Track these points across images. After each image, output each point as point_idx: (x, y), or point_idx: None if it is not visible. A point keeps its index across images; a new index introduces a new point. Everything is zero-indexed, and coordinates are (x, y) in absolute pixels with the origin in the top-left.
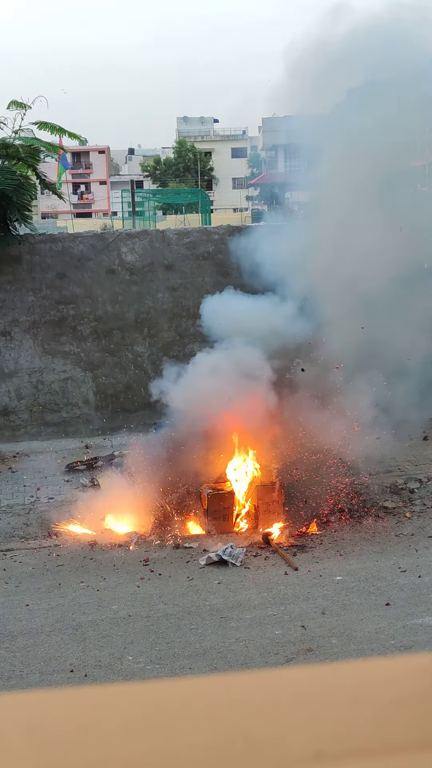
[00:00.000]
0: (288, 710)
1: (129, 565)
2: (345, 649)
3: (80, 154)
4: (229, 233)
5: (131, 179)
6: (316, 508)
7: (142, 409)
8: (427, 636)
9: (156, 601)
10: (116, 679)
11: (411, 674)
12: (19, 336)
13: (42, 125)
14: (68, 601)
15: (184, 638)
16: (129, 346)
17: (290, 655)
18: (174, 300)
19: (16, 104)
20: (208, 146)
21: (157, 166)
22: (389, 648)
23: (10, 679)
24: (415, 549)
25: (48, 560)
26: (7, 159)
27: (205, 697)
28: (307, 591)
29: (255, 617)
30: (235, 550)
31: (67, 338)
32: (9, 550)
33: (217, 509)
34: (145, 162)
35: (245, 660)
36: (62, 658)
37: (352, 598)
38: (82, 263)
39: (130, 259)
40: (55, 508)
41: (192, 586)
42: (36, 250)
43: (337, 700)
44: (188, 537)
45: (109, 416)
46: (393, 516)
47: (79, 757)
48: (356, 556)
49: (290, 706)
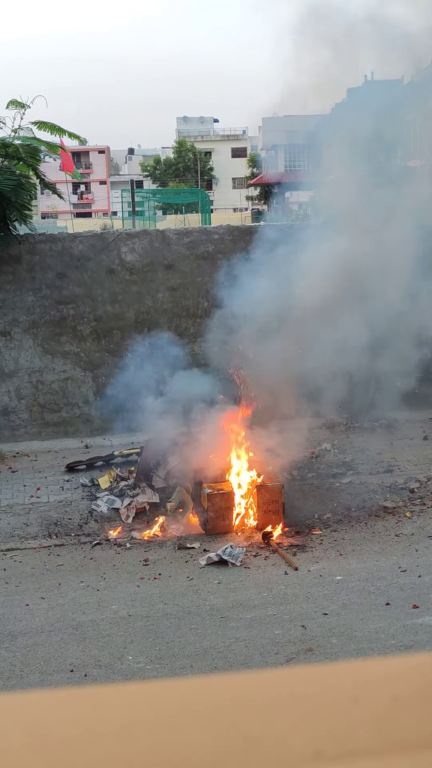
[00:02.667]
0: (288, 710)
1: (129, 565)
2: (345, 649)
3: (80, 154)
4: (228, 233)
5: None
6: (316, 508)
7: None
8: (427, 636)
9: (156, 601)
10: (116, 679)
11: (411, 674)
12: (19, 336)
13: (41, 125)
14: (68, 601)
15: (184, 638)
16: (129, 346)
17: (290, 655)
18: (174, 300)
19: (15, 104)
20: (208, 146)
21: (157, 166)
22: (389, 648)
23: (10, 679)
24: (415, 549)
25: (48, 560)
26: (7, 159)
27: (205, 697)
28: (307, 591)
29: (255, 617)
30: (235, 550)
31: (67, 338)
32: (9, 550)
33: (217, 509)
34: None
35: (245, 660)
36: (62, 658)
37: (352, 598)
38: (82, 263)
39: (130, 259)
40: (54, 508)
41: (192, 586)
42: (36, 250)
43: (337, 700)
44: (188, 537)
45: (110, 416)
46: (393, 516)
47: (79, 758)
48: (356, 556)
49: (290, 706)
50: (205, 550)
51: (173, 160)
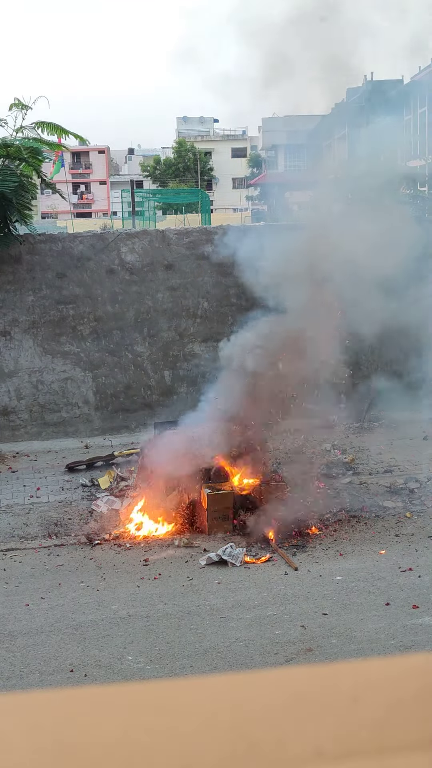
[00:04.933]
0: (288, 710)
1: (129, 565)
2: (345, 649)
3: (80, 154)
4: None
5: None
6: (316, 508)
7: (142, 409)
8: (427, 636)
9: (156, 601)
10: (116, 679)
11: (411, 674)
12: (19, 336)
13: (41, 125)
14: (68, 601)
15: (184, 638)
16: (129, 346)
17: (290, 655)
18: (174, 300)
19: (17, 104)
20: (208, 146)
21: (156, 166)
22: (389, 648)
23: (10, 679)
24: (415, 549)
25: (48, 560)
26: (8, 159)
27: (205, 698)
28: (307, 591)
29: (255, 617)
30: (235, 550)
31: (66, 338)
32: (9, 550)
33: (217, 509)
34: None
35: (245, 660)
36: (62, 658)
37: (352, 598)
38: (82, 263)
39: (130, 259)
40: (54, 508)
41: (192, 586)
42: (36, 250)
43: (337, 700)
44: (188, 537)
45: (109, 416)
46: (393, 516)
47: (79, 758)
48: (356, 556)
49: (290, 706)
50: (205, 550)
51: (173, 160)
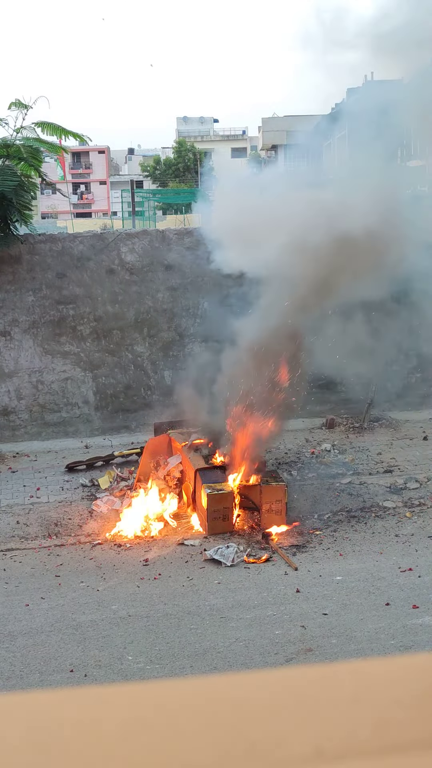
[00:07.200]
0: (288, 710)
1: (129, 565)
2: (345, 649)
3: (80, 154)
4: None
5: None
6: (316, 508)
7: (142, 409)
8: (427, 636)
9: (156, 601)
10: (116, 679)
11: (411, 674)
12: (19, 336)
13: (42, 125)
14: (68, 601)
15: (184, 638)
16: (129, 346)
17: (290, 655)
18: (174, 300)
19: (18, 104)
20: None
21: (156, 166)
22: (389, 648)
23: (10, 679)
24: (415, 549)
25: (48, 560)
26: (8, 159)
27: (205, 697)
28: (307, 591)
29: (255, 617)
30: (227, 549)
31: (66, 338)
32: (9, 550)
33: (217, 509)
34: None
35: (245, 660)
36: (62, 658)
37: (352, 598)
38: (82, 263)
39: (130, 259)
40: (54, 508)
41: (192, 586)
42: (36, 250)
43: (337, 700)
44: (189, 536)
45: (109, 416)
46: (393, 516)
47: (79, 758)
48: (356, 556)
49: (290, 706)
50: (205, 550)
51: (173, 160)
